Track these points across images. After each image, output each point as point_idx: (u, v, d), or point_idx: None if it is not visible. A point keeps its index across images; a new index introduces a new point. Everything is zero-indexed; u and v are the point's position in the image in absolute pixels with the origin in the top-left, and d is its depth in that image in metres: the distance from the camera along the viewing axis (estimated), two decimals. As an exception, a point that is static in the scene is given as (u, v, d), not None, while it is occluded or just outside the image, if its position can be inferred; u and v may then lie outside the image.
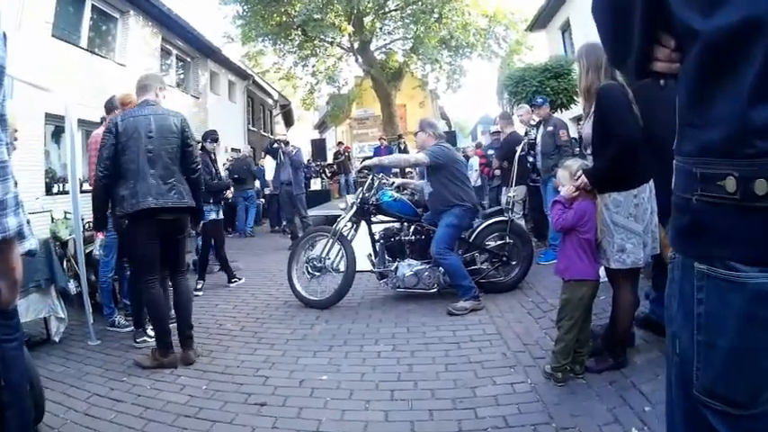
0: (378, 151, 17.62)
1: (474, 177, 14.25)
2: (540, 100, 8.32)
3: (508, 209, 6.58)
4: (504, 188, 8.54)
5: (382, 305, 5.98)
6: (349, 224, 6.29)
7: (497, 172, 9.37)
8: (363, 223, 6.40)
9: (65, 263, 5.49)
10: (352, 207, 6.28)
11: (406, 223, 6.37)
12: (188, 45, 18.51)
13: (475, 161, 14.36)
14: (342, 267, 6.11)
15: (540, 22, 20.50)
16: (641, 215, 3.49)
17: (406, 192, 6.76)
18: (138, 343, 4.86)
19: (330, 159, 22.20)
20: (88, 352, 4.80)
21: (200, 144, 6.67)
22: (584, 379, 3.60)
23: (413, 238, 6.25)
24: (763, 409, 0.98)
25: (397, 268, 6.13)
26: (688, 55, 0.99)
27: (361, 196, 6.36)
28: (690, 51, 0.98)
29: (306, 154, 16.96)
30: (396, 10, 22.11)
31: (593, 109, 3.60)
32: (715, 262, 0.99)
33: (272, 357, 4.53)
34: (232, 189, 7.11)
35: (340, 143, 21.86)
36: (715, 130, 0.95)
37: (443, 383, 3.77)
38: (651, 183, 3.54)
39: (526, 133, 8.53)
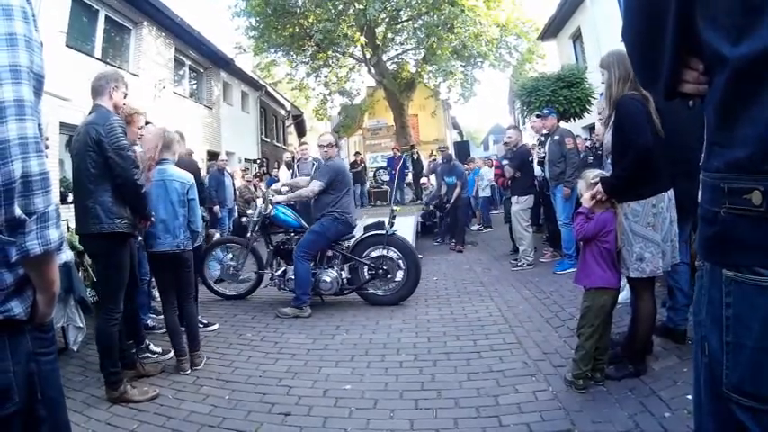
0: (391, 161, 17.60)
1: (483, 186, 14.35)
2: (546, 111, 8.41)
3: (392, 222, 6.73)
4: (513, 198, 8.62)
5: (402, 315, 6.00)
6: (256, 235, 7.12)
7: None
8: None
9: (81, 272, 5.53)
10: (257, 223, 6.93)
11: (292, 233, 6.95)
12: (201, 56, 18.67)
13: (486, 171, 14.42)
14: (254, 269, 7.35)
15: (551, 31, 20.50)
16: (660, 224, 3.53)
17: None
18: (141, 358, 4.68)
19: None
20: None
21: None
22: (604, 386, 3.62)
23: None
24: None
25: (284, 272, 6.83)
26: (716, 79, 1.05)
27: (260, 212, 6.92)
28: (718, 76, 1.04)
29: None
30: (408, 20, 22.13)
31: (613, 119, 3.65)
32: (742, 268, 1.04)
33: (294, 367, 4.55)
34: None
35: (357, 153, 21.85)
36: (741, 149, 1.01)
37: (466, 392, 3.80)
38: (670, 192, 3.58)
39: (540, 142, 8.60)
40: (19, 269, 1.41)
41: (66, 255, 1.52)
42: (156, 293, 6.46)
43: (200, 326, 5.69)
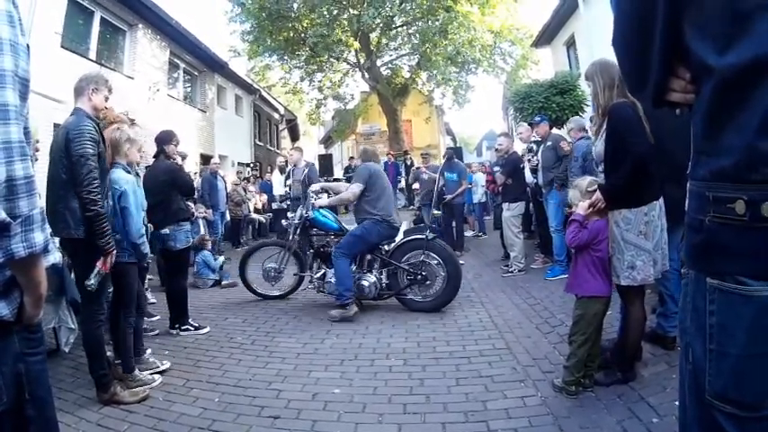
0: (385, 167, 17.60)
1: (480, 194, 14.34)
2: (537, 118, 8.42)
3: (430, 227, 6.73)
4: (504, 204, 8.61)
5: (392, 320, 6.00)
6: (297, 237, 7.00)
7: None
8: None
9: (73, 273, 5.49)
10: (298, 226, 6.90)
11: (332, 236, 6.85)
12: (196, 59, 18.61)
13: (480, 178, 14.44)
14: (295, 271, 7.37)
15: (545, 37, 20.51)
16: (651, 232, 3.53)
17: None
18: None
19: (338, 174, 22.27)
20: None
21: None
22: (593, 392, 3.63)
23: None
24: None
25: (324, 274, 6.77)
26: (703, 88, 1.07)
27: (301, 215, 6.91)
28: (704, 85, 1.06)
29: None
30: (402, 26, 22.20)
31: (604, 127, 3.66)
32: (726, 277, 1.06)
33: (283, 371, 4.54)
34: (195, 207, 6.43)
35: (351, 158, 21.85)
36: (726, 158, 1.03)
37: (455, 397, 3.80)
38: (661, 201, 3.59)
39: (530, 150, 8.61)
40: (6, 271, 1.42)
41: (55, 257, 1.52)
42: (150, 295, 6.47)
43: (192, 329, 5.69)
